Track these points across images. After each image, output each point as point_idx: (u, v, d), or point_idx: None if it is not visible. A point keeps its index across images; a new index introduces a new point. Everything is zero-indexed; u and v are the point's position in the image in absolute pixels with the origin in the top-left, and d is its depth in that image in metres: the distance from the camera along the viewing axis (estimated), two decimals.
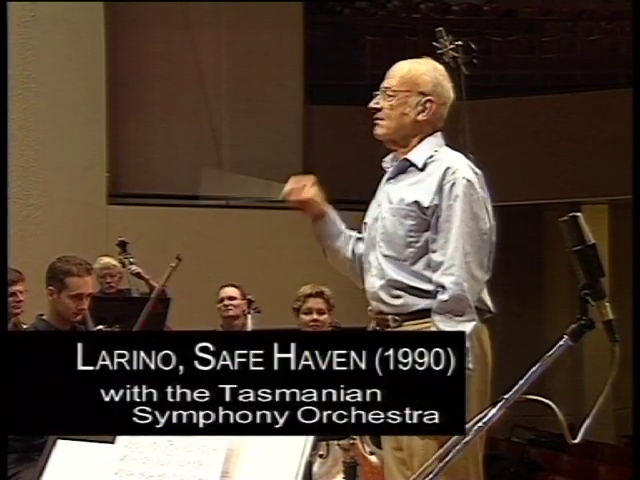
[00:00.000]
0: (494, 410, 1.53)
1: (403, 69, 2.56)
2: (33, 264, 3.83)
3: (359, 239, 2.67)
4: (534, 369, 1.54)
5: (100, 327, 3.57)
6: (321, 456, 3.50)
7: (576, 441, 1.55)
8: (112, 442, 1.64)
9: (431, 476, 1.53)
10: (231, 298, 5.07)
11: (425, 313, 2.45)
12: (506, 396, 1.53)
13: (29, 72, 6.65)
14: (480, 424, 1.53)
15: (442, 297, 2.41)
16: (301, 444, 1.56)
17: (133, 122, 7.34)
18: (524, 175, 7.60)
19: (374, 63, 8.16)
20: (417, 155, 2.53)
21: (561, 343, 1.54)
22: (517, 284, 8.64)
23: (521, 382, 1.53)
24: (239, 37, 7.57)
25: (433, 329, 2.42)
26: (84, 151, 6.85)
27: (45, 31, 6.73)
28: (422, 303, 2.46)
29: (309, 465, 1.66)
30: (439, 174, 2.47)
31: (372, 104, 2.56)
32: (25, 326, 3.99)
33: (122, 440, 1.63)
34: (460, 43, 3.70)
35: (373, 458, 3.30)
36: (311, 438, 1.58)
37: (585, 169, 7.49)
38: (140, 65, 7.38)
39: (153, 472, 1.57)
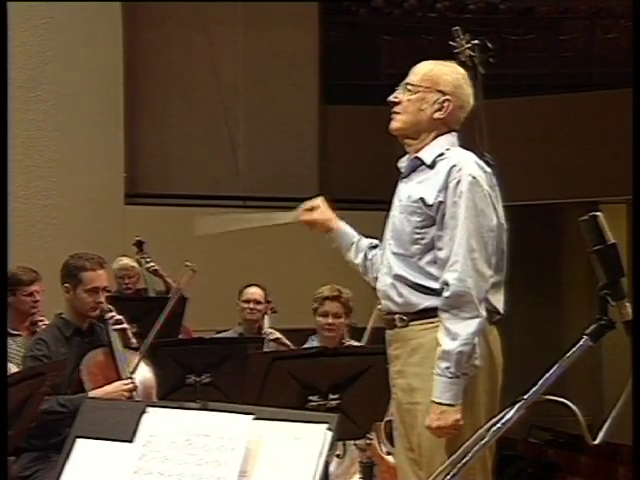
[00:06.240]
0: (513, 411, 1.52)
1: (426, 67, 2.59)
2: (52, 264, 3.84)
3: (374, 247, 2.69)
4: (554, 369, 1.53)
5: (119, 326, 3.58)
6: (338, 456, 3.50)
7: (596, 442, 1.54)
8: (130, 441, 1.64)
9: (449, 477, 1.53)
10: (257, 302, 5.07)
11: (431, 312, 2.45)
12: (525, 396, 1.52)
13: (47, 73, 6.68)
14: (499, 425, 1.52)
15: (445, 294, 2.42)
16: (319, 444, 1.56)
17: (150, 123, 7.37)
18: (542, 174, 7.56)
19: (390, 63, 8.14)
20: (427, 153, 2.55)
21: (581, 343, 1.53)
22: (536, 284, 8.60)
23: (540, 382, 1.52)
24: (255, 37, 7.58)
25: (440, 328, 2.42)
26: (102, 151, 6.87)
27: (63, 33, 6.75)
28: (427, 302, 2.46)
29: (326, 465, 1.65)
30: (445, 171, 2.48)
31: (391, 97, 2.58)
32: (43, 325, 4.01)
33: (140, 439, 1.64)
34: (476, 42, 3.68)
35: (390, 458, 3.29)
36: (329, 438, 1.57)
37: (603, 168, 7.44)
38: (157, 66, 7.40)
39: (172, 471, 1.57)
